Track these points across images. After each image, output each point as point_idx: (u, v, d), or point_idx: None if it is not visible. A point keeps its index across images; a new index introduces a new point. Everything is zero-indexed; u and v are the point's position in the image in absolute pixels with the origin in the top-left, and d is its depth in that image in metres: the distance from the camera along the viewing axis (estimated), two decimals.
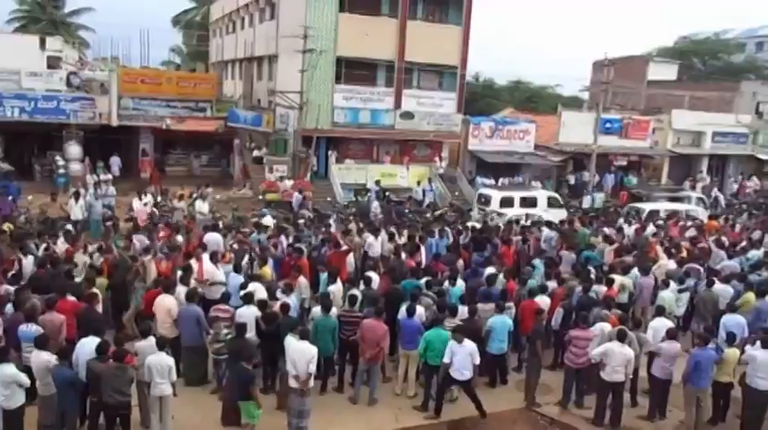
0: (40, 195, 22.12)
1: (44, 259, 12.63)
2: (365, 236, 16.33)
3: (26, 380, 8.20)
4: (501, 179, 30.08)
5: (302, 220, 18.73)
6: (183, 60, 52.98)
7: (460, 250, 15.91)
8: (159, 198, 20.56)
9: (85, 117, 27.34)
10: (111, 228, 16.53)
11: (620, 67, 35.86)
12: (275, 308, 10.51)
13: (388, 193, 25.94)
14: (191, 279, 11.75)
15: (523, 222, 19.51)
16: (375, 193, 25.08)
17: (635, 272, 13.97)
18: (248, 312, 10.31)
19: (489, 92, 52.87)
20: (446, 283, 12.53)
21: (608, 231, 18.35)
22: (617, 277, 13.36)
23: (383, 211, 22.99)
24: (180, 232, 15.71)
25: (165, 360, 8.74)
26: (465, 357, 9.77)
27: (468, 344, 9.81)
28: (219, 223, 17.46)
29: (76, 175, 25.48)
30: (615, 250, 16.19)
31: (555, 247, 17.06)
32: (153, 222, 17.29)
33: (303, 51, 26.82)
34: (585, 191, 29.85)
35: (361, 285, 12.15)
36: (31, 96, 26.58)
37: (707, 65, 54.42)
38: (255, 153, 29.55)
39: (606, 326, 10.60)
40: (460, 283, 12.62)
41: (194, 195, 21.09)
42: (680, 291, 13.41)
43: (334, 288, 11.83)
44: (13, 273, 11.81)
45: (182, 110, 29.20)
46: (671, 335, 10.31)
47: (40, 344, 8.55)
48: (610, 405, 10.15)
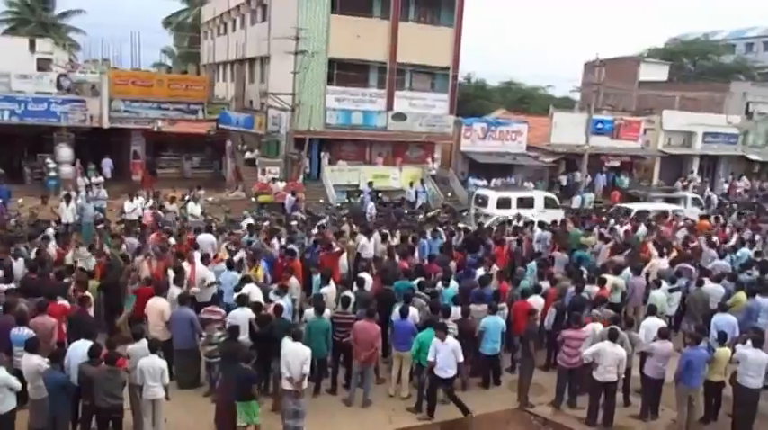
0: (30, 198, 21.98)
1: (35, 262, 12.55)
2: (358, 238, 16.33)
3: (17, 384, 8.15)
4: (493, 180, 30.11)
5: (295, 222, 18.71)
6: (175, 62, 52.79)
7: (454, 251, 15.95)
8: (151, 201, 20.45)
9: (76, 119, 27.18)
10: (103, 230, 16.46)
11: (611, 68, 36.04)
12: (269, 309, 10.49)
13: (380, 195, 25.94)
14: (184, 280, 11.73)
15: (515, 223, 19.50)
16: (368, 195, 25.06)
17: (627, 272, 14.05)
18: (242, 314, 10.28)
19: (481, 93, 53.02)
20: (439, 284, 12.55)
21: (601, 231, 18.43)
22: (609, 277, 13.42)
23: (383, 213, 23.01)
24: (172, 235, 15.67)
25: (158, 363, 8.71)
26: (448, 355, 9.78)
27: (451, 342, 9.82)
28: (213, 225, 17.42)
29: (67, 178, 25.33)
30: (611, 248, 16.26)
31: (548, 248, 17.11)
32: (159, 225, 17.29)
33: (295, 53, 26.80)
34: (577, 191, 29.95)
35: (354, 287, 12.14)
36: (20, 99, 26.39)
37: (697, 65, 54.77)
38: (248, 155, 29.47)
39: (598, 327, 10.64)
40: (454, 284, 12.64)
41: (186, 198, 21.03)
42: (671, 290, 13.49)
43: (327, 289, 11.83)
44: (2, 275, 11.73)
45: (173, 112, 29.09)
46: (663, 334, 10.35)
47: (31, 347, 8.50)
48: (602, 404, 10.18)
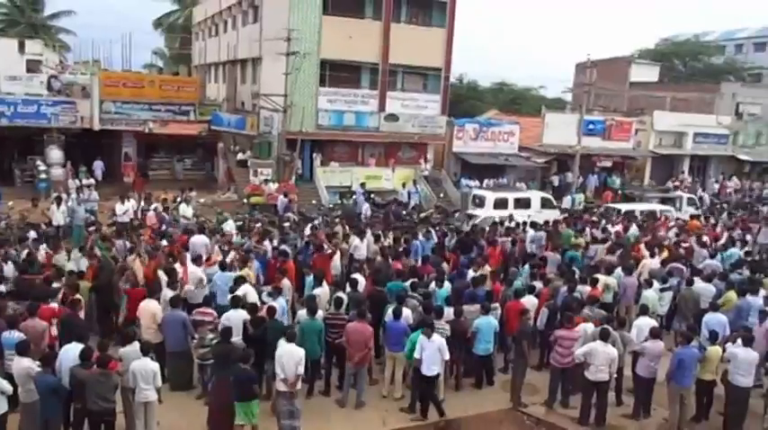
0: (20, 201, 21.87)
1: (25, 265, 12.49)
2: (351, 239, 16.32)
3: (8, 387, 8.11)
4: (486, 181, 30.16)
5: (287, 223, 18.68)
6: (166, 63, 52.63)
7: (448, 252, 15.97)
8: (143, 203, 20.37)
9: (67, 121, 27.05)
10: (94, 233, 16.39)
11: (602, 69, 36.18)
12: (262, 311, 10.47)
13: (373, 196, 25.94)
14: (177, 283, 11.70)
15: (507, 224, 19.54)
16: (361, 196, 25.04)
17: (618, 271, 14.11)
18: (236, 316, 10.26)
19: (473, 94, 53.06)
20: (433, 285, 12.55)
21: (593, 232, 18.50)
22: (601, 277, 13.47)
23: (381, 213, 23.04)
24: (165, 236, 15.63)
25: (150, 365, 8.68)
26: (434, 352, 9.79)
27: (437, 340, 9.82)
28: (205, 226, 17.37)
29: (58, 180, 25.19)
30: (607, 248, 16.35)
31: (543, 248, 17.13)
32: (164, 227, 17.31)
33: (287, 54, 26.77)
34: (569, 192, 30.05)
35: (347, 288, 12.13)
36: (10, 101, 26.23)
37: (687, 66, 55.09)
38: (240, 156, 29.42)
39: (589, 327, 10.67)
40: (447, 285, 12.65)
41: (178, 199, 20.95)
42: (663, 290, 13.56)
43: (320, 291, 11.82)
44: None
45: (164, 113, 28.97)
46: (654, 334, 10.40)
47: (22, 350, 8.45)
48: (595, 404, 10.21)
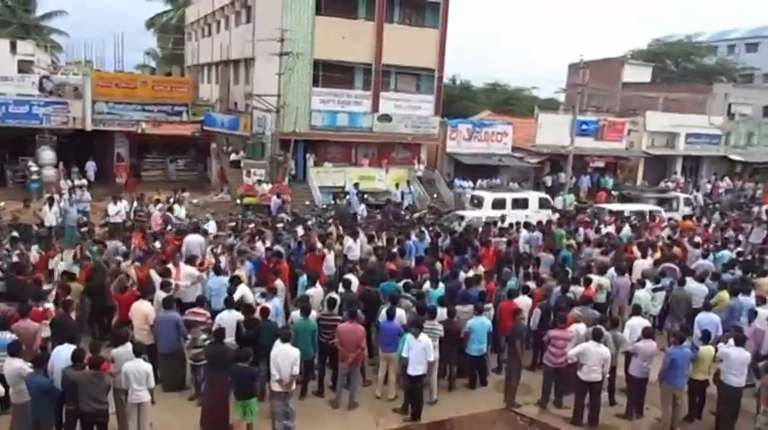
0: (12, 202, 21.73)
1: (18, 266, 12.42)
2: (345, 240, 16.30)
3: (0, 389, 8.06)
4: (479, 181, 30.23)
5: (281, 224, 18.65)
6: (159, 64, 52.44)
7: (442, 253, 15.98)
8: (135, 203, 20.29)
9: (59, 122, 26.93)
10: (86, 234, 16.31)
11: (595, 70, 36.31)
12: (255, 312, 10.44)
13: (366, 196, 25.93)
14: (171, 285, 11.66)
15: (500, 224, 19.56)
16: (355, 196, 25.03)
17: (611, 272, 14.14)
18: (229, 317, 10.24)
19: (467, 94, 53.14)
20: (427, 285, 12.54)
21: (587, 232, 18.55)
22: (594, 277, 13.51)
23: (380, 213, 23.05)
24: (158, 238, 15.57)
25: (143, 366, 8.64)
26: (419, 352, 9.77)
27: (424, 339, 9.81)
28: (200, 225, 17.32)
29: (50, 181, 25.08)
30: (602, 252, 16.40)
31: (539, 248, 17.13)
32: (168, 227, 17.28)
33: (280, 54, 26.74)
34: (561, 192, 30.13)
35: (341, 288, 12.12)
36: (1, 101, 26.08)
37: (680, 67, 55.32)
38: (233, 157, 29.36)
39: (581, 327, 10.69)
40: (441, 286, 12.64)
41: (171, 200, 20.87)
42: (655, 290, 13.60)
43: (314, 291, 11.80)
44: None
45: (157, 114, 28.87)
46: (647, 334, 10.43)
47: (13, 351, 8.40)
48: (588, 404, 10.24)
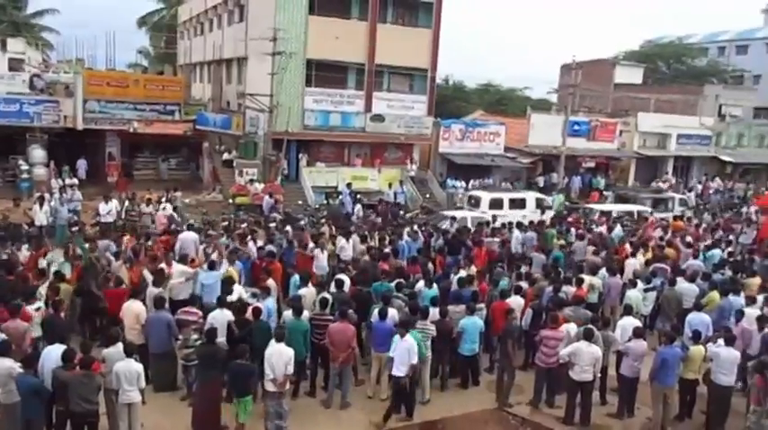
0: (2, 201, 21.61)
1: (7, 265, 12.34)
2: (337, 240, 16.30)
3: None
4: (471, 181, 30.29)
5: (273, 224, 18.62)
6: (151, 63, 52.23)
7: (436, 254, 15.99)
8: (127, 203, 20.20)
9: (50, 120, 26.79)
10: (77, 233, 16.23)
11: (587, 70, 36.50)
12: (247, 312, 10.42)
13: (359, 196, 25.93)
14: (165, 283, 11.65)
15: (493, 224, 19.59)
16: (348, 196, 25.01)
17: (603, 272, 14.20)
18: (221, 316, 10.21)
19: (459, 94, 53.20)
20: (421, 285, 12.54)
21: (581, 232, 18.63)
22: (586, 277, 13.55)
23: (379, 213, 23.06)
24: (150, 238, 15.52)
25: (134, 366, 8.60)
26: (403, 352, 9.73)
27: (408, 340, 9.77)
28: (194, 223, 17.31)
29: (40, 180, 24.95)
30: (593, 251, 16.47)
31: (534, 248, 17.16)
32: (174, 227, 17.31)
33: (273, 54, 26.69)
34: (554, 192, 30.22)
35: (333, 288, 12.10)
36: None
37: (671, 68, 55.63)
38: (225, 156, 29.29)
39: (572, 327, 10.72)
40: (435, 286, 12.63)
41: (163, 199, 20.79)
42: (646, 290, 13.66)
43: (306, 291, 11.78)
44: None
45: (149, 113, 28.78)
46: (637, 333, 10.47)
47: (3, 351, 8.33)
48: (579, 404, 10.27)
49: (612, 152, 36.02)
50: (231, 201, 24.91)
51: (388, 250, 15.36)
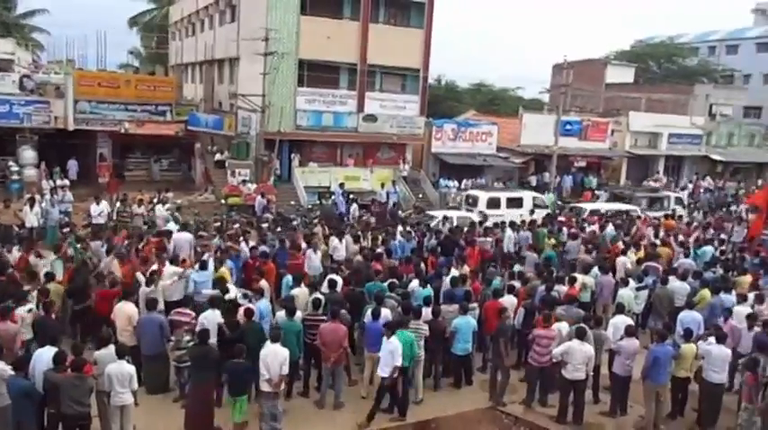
0: None
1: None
2: (330, 240, 16.28)
3: None
4: (464, 181, 30.33)
5: (266, 224, 18.58)
6: (142, 63, 51.99)
7: (429, 254, 15.99)
8: (118, 204, 20.10)
9: (40, 121, 26.61)
10: (69, 234, 16.14)
11: (579, 70, 36.65)
12: (238, 313, 10.39)
13: (352, 196, 25.92)
14: (158, 282, 11.63)
15: (485, 224, 19.60)
16: (341, 196, 24.98)
17: (595, 270, 14.24)
18: (213, 316, 10.17)
19: (452, 94, 53.22)
20: (415, 284, 12.53)
21: (572, 232, 18.67)
22: (578, 276, 13.59)
23: (377, 214, 23.03)
24: (142, 239, 15.46)
25: (126, 368, 8.56)
26: (387, 354, 9.72)
27: (393, 342, 9.73)
28: (189, 222, 17.25)
29: (31, 181, 24.79)
30: (586, 250, 16.49)
31: (528, 247, 17.19)
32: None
33: (265, 54, 26.64)
34: (546, 191, 30.30)
35: (324, 288, 12.08)
36: None
37: (662, 68, 55.88)
38: (217, 157, 29.21)
39: (563, 326, 10.74)
40: (429, 286, 12.63)
41: (154, 200, 20.71)
42: (639, 288, 13.70)
43: (299, 291, 11.76)
44: None
45: (141, 113, 28.62)
46: (629, 332, 10.50)
47: None
48: (572, 402, 10.30)
49: (604, 151, 36.15)
50: (223, 202, 24.86)
51: (380, 250, 15.36)
